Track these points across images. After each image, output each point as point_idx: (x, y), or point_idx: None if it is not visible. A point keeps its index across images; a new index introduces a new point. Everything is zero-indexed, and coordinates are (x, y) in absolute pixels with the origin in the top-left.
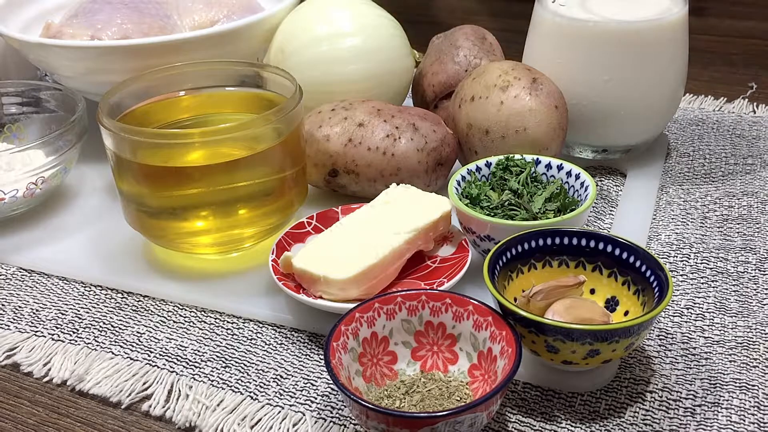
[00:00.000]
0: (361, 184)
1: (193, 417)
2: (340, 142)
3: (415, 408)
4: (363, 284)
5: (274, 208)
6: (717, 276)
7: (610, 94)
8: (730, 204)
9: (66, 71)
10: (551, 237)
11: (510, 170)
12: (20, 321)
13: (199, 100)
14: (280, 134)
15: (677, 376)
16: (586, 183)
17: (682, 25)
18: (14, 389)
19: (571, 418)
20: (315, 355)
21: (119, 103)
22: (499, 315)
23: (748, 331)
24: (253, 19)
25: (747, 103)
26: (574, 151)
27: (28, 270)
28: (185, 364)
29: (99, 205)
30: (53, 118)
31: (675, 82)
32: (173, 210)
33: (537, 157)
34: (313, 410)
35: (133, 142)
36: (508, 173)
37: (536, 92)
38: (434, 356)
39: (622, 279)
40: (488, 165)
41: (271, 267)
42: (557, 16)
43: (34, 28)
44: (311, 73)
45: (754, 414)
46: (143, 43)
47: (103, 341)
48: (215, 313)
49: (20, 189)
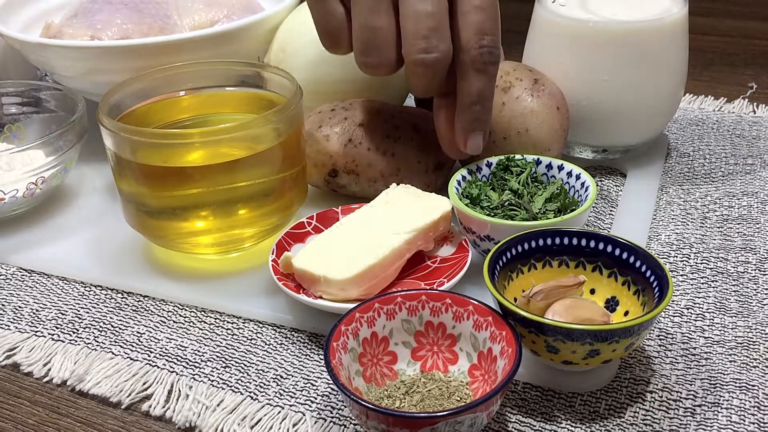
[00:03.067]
0: (361, 184)
1: (193, 417)
2: (340, 142)
3: (415, 408)
4: (363, 284)
5: (274, 208)
6: (717, 276)
7: (610, 94)
8: (730, 204)
9: (66, 71)
10: (551, 237)
11: (510, 170)
12: (20, 321)
13: (199, 100)
14: (280, 134)
15: (677, 376)
16: (587, 183)
17: (682, 25)
18: (14, 389)
19: (571, 418)
20: (315, 355)
21: (119, 103)
22: (499, 315)
23: (748, 331)
24: (253, 19)
25: (747, 103)
26: (574, 152)
27: (28, 270)
28: (185, 364)
29: (99, 205)
30: (53, 118)
31: (675, 82)
32: (173, 210)
33: (538, 158)
34: (313, 410)
35: (133, 142)
36: (508, 173)
37: (538, 93)
38: (434, 356)
39: (622, 279)
40: (489, 165)
41: (271, 267)
42: (557, 16)
43: (34, 28)
44: (312, 73)
45: (754, 414)
46: (143, 43)
47: (103, 341)
48: (215, 313)
49: (20, 189)
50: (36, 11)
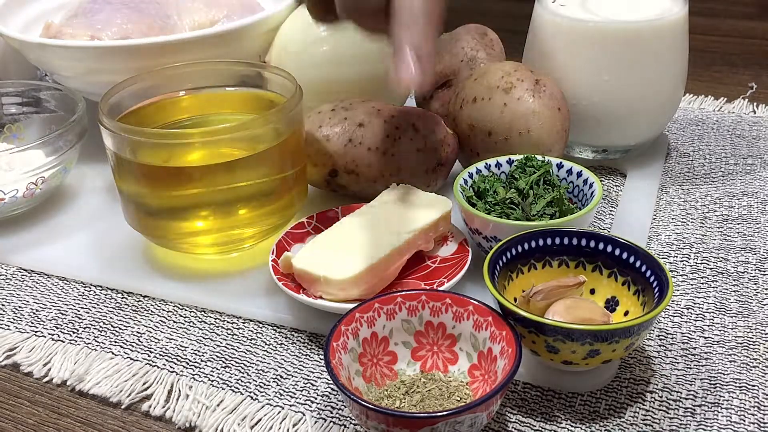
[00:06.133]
0: (361, 184)
1: (193, 417)
2: (340, 142)
3: (415, 408)
4: (363, 284)
5: (274, 208)
6: (717, 276)
7: (610, 94)
8: (730, 204)
9: (66, 71)
10: (551, 237)
11: (525, 170)
12: (20, 321)
13: (199, 100)
14: (280, 134)
15: (677, 376)
16: (593, 185)
17: (682, 25)
18: (14, 389)
19: (571, 418)
20: (315, 355)
21: (119, 103)
22: (499, 315)
23: (748, 331)
24: (253, 19)
25: (747, 103)
26: (574, 151)
27: (28, 270)
28: (185, 364)
29: (99, 205)
30: (53, 118)
31: (675, 82)
32: (173, 210)
33: (560, 161)
34: (313, 410)
35: (133, 142)
36: (522, 173)
37: (539, 94)
38: (434, 356)
39: (622, 279)
40: (510, 162)
41: (271, 267)
42: (557, 16)
43: (34, 28)
44: (312, 72)
45: (754, 414)
46: (143, 43)
47: (103, 341)
48: (215, 313)
49: (20, 189)
50: (36, 11)
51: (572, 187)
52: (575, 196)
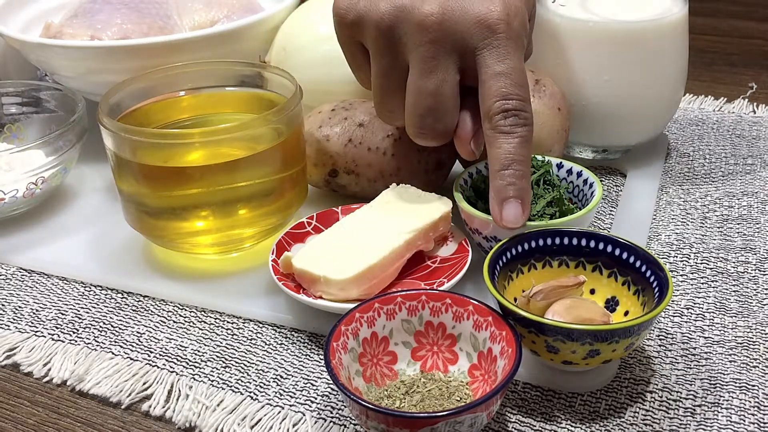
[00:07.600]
0: (361, 184)
1: (193, 417)
2: (340, 142)
3: (415, 408)
4: (363, 284)
5: (274, 208)
6: (717, 276)
7: (610, 94)
8: (730, 204)
9: (66, 71)
10: (551, 237)
11: None
12: (20, 321)
13: (199, 100)
14: (280, 134)
15: (677, 376)
16: (593, 185)
17: (682, 25)
18: (14, 389)
19: (571, 418)
20: (315, 355)
21: (119, 103)
22: (499, 315)
23: (748, 331)
24: (253, 19)
25: (747, 103)
26: (574, 151)
27: (28, 270)
28: (185, 364)
29: (99, 205)
30: (53, 118)
31: (675, 82)
32: (173, 210)
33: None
34: (313, 410)
35: (133, 142)
36: None
37: (539, 94)
38: (434, 356)
39: (622, 279)
40: None
41: (271, 267)
42: (557, 16)
43: (34, 28)
44: (312, 72)
45: (754, 414)
46: (143, 43)
47: (103, 341)
48: (215, 313)
49: (20, 189)
50: (36, 11)
51: (572, 187)
52: (575, 196)
